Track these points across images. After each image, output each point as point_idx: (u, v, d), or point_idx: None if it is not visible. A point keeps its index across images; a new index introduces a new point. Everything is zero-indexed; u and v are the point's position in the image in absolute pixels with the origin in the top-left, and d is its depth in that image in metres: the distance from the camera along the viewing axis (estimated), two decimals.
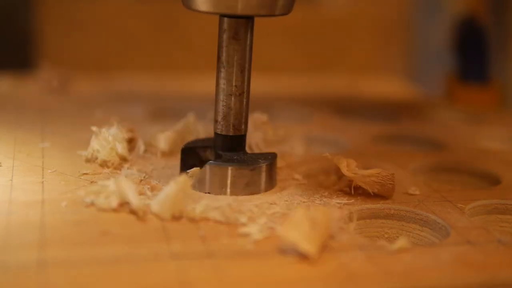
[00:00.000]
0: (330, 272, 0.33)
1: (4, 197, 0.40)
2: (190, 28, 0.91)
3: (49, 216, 0.37)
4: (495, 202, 0.45)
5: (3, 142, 0.50)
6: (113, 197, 0.39)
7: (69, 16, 0.88)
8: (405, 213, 0.42)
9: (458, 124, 0.67)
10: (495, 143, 0.62)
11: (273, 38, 0.91)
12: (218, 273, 0.32)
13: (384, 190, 0.43)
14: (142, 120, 0.60)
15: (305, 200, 0.42)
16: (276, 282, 0.32)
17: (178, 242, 0.35)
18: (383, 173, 0.43)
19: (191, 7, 0.42)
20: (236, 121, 0.44)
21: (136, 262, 0.33)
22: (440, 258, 0.35)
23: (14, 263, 0.32)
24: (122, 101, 0.67)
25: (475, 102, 0.76)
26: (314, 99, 0.75)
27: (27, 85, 0.73)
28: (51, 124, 0.56)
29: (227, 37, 0.42)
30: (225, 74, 0.43)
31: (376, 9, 0.99)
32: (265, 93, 0.72)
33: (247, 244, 0.36)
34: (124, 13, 0.90)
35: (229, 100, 0.43)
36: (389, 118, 0.68)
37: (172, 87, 0.78)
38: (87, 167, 0.46)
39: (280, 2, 0.41)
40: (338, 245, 0.36)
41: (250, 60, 0.43)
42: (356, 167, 0.44)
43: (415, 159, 0.53)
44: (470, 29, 0.79)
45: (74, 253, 0.33)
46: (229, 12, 0.41)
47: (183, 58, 0.91)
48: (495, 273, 0.34)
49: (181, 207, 0.38)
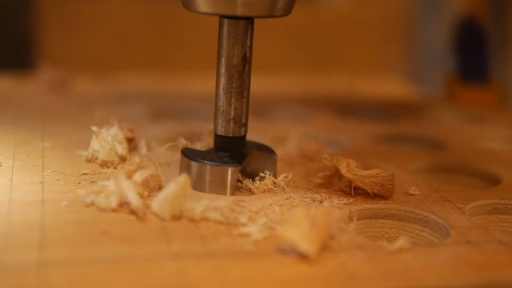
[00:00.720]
0: (330, 272, 0.33)
1: (4, 197, 0.40)
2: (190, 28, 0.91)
3: (49, 216, 0.37)
4: (495, 202, 0.45)
5: (3, 142, 0.50)
6: (113, 197, 0.39)
7: (69, 16, 0.88)
8: (405, 213, 0.42)
9: (458, 124, 0.67)
10: (495, 143, 0.62)
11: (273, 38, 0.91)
12: (217, 273, 0.32)
13: (383, 190, 0.43)
14: (142, 120, 0.60)
15: (305, 200, 0.42)
16: (276, 282, 0.32)
17: (178, 242, 0.35)
18: (383, 174, 0.43)
19: (191, 8, 0.42)
20: (236, 122, 0.44)
21: (136, 262, 0.33)
22: (440, 258, 0.35)
23: (14, 263, 0.32)
24: (122, 101, 0.67)
25: (475, 102, 0.76)
26: (314, 99, 0.75)
27: (27, 85, 0.73)
28: (51, 124, 0.56)
29: (227, 39, 0.42)
30: (225, 75, 0.43)
31: (376, 9, 0.99)
32: (265, 93, 0.72)
33: (247, 244, 0.36)
34: (124, 13, 0.90)
35: (229, 101, 0.43)
36: (389, 118, 0.68)
37: (172, 87, 0.78)
38: (87, 167, 0.46)
39: (280, 4, 0.41)
40: (338, 245, 0.36)
41: (250, 61, 0.43)
42: (356, 168, 0.44)
43: (415, 159, 0.53)
44: (470, 29, 0.79)
45: (74, 253, 0.33)
46: (228, 13, 0.41)
47: (183, 58, 0.91)
48: (495, 273, 0.34)
49: (180, 207, 0.38)
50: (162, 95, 0.72)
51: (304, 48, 0.96)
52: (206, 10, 0.41)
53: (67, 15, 0.88)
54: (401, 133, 0.62)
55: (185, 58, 0.92)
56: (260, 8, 0.40)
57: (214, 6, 0.40)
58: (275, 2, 0.41)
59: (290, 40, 0.95)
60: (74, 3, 0.88)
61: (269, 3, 0.41)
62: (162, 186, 0.42)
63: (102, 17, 0.90)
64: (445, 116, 0.71)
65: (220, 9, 0.40)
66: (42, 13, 0.87)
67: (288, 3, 0.42)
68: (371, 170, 0.44)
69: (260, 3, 0.40)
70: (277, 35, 0.93)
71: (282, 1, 0.41)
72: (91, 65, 0.86)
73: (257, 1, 0.40)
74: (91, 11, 0.89)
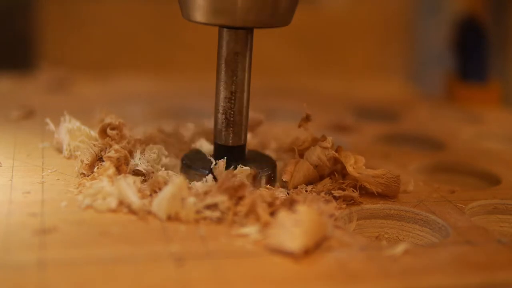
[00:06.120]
0: (330, 272, 0.33)
1: (4, 197, 0.40)
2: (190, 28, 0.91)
3: (49, 216, 0.37)
4: (495, 202, 0.45)
5: (3, 142, 0.50)
6: (111, 198, 0.39)
7: (69, 16, 0.88)
8: (405, 213, 0.42)
9: (458, 124, 0.67)
10: (495, 143, 0.62)
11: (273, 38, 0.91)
12: (217, 273, 0.32)
13: (388, 191, 0.43)
14: (142, 120, 0.60)
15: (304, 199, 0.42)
16: (276, 282, 0.32)
17: (178, 242, 0.35)
18: (389, 175, 0.43)
19: (190, 18, 0.42)
20: (235, 132, 0.44)
21: (136, 262, 0.33)
22: (440, 258, 0.35)
23: (14, 263, 0.32)
24: (122, 101, 0.67)
25: (475, 101, 0.76)
26: (313, 99, 0.75)
27: (27, 85, 0.73)
28: (51, 124, 0.56)
29: (227, 49, 0.42)
30: (224, 86, 0.43)
31: (376, 9, 0.99)
32: (264, 92, 0.72)
33: (247, 244, 0.36)
34: (124, 13, 0.90)
35: (229, 110, 0.43)
36: (389, 118, 0.68)
37: (172, 87, 0.78)
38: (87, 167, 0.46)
39: (279, 14, 0.41)
40: (338, 245, 0.36)
41: (250, 72, 0.43)
42: (363, 166, 0.44)
43: (415, 159, 0.53)
44: (470, 29, 0.79)
45: (74, 253, 0.33)
46: (228, 24, 0.41)
47: (183, 58, 0.91)
48: (495, 273, 0.34)
49: (177, 208, 0.38)
50: (162, 95, 0.72)
51: (304, 48, 0.96)
52: (206, 21, 0.41)
53: (67, 15, 0.88)
54: (401, 133, 0.62)
55: (185, 58, 0.92)
56: (259, 19, 0.40)
57: (213, 16, 0.40)
58: (274, 13, 0.41)
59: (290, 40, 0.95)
60: (74, 3, 0.88)
61: (268, 14, 0.41)
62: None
63: (102, 17, 0.90)
64: (445, 116, 0.71)
65: (220, 20, 0.41)
66: (42, 13, 0.87)
67: (287, 14, 0.42)
68: (377, 170, 0.43)
69: (259, 14, 0.40)
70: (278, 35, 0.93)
71: (282, 11, 0.41)
72: (91, 65, 0.86)
73: (256, 12, 0.40)
74: (91, 11, 0.89)
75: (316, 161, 0.44)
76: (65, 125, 0.48)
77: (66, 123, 0.48)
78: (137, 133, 0.49)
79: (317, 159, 0.44)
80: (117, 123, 0.46)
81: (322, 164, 0.44)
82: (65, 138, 0.48)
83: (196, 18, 0.41)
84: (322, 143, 0.44)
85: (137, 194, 0.39)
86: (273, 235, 0.35)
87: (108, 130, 0.45)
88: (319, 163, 0.44)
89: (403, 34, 1.00)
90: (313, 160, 0.44)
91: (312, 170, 0.44)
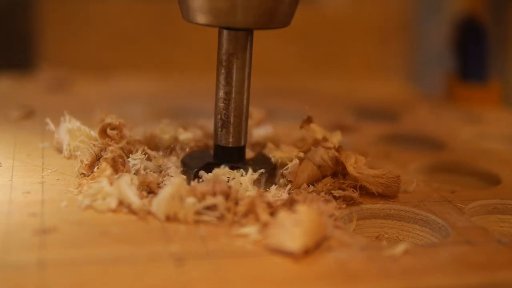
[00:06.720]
0: (330, 272, 0.33)
1: (4, 197, 0.40)
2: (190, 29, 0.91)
3: (49, 216, 0.37)
4: (495, 202, 0.45)
5: (3, 142, 0.50)
6: (110, 198, 0.39)
7: (69, 16, 0.88)
8: (405, 213, 0.42)
9: (458, 124, 0.67)
10: (495, 143, 0.62)
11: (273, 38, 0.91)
12: (217, 273, 0.32)
13: (388, 191, 0.43)
14: (142, 120, 0.60)
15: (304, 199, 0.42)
16: (276, 282, 0.32)
17: (178, 242, 0.35)
18: (389, 175, 0.43)
19: (191, 20, 0.42)
20: (235, 133, 0.44)
21: (136, 262, 0.33)
22: (440, 258, 0.35)
23: (14, 263, 0.32)
24: (122, 101, 0.67)
25: (475, 101, 0.76)
26: (314, 99, 0.75)
27: (27, 85, 0.73)
28: (51, 124, 0.56)
29: (227, 51, 0.42)
30: (224, 89, 0.43)
31: (376, 9, 0.99)
32: (264, 93, 0.72)
33: (247, 244, 0.36)
34: (124, 13, 0.90)
35: (229, 112, 0.43)
36: (389, 118, 0.68)
37: (172, 87, 0.78)
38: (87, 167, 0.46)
39: (279, 16, 0.41)
40: (338, 245, 0.36)
41: (249, 73, 0.43)
42: (364, 165, 0.44)
43: (415, 159, 0.53)
44: (470, 29, 0.79)
45: (74, 253, 0.33)
46: (228, 25, 0.41)
47: (183, 58, 0.91)
48: (495, 273, 0.34)
49: (175, 208, 0.38)
50: (162, 95, 0.72)
51: (304, 47, 0.96)
52: (206, 22, 0.41)
53: (67, 15, 0.88)
54: (401, 133, 0.62)
55: (185, 58, 0.92)
56: (259, 20, 0.40)
57: (213, 17, 0.40)
58: (274, 14, 0.41)
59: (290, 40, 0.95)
60: (74, 3, 0.88)
61: (268, 15, 0.41)
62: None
63: (102, 17, 0.90)
64: (445, 116, 0.71)
65: (220, 21, 0.41)
66: (42, 13, 0.87)
67: (287, 15, 0.42)
68: (378, 170, 0.43)
69: (259, 15, 0.40)
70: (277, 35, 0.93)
71: (282, 13, 0.41)
72: (91, 65, 0.86)
73: (256, 13, 0.40)
74: (91, 11, 0.89)
75: (319, 161, 0.44)
76: (65, 125, 0.48)
77: (66, 123, 0.48)
78: (137, 133, 0.49)
79: (320, 159, 0.44)
80: (117, 123, 0.46)
81: (325, 165, 0.44)
82: (65, 138, 0.48)
83: (196, 19, 0.41)
84: (325, 144, 0.44)
85: (137, 194, 0.39)
86: (273, 235, 0.35)
87: (108, 130, 0.45)
88: (322, 164, 0.44)
89: (403, 34, 1.00)
90: (316, 161, 0.44)
91: (316, 170, 0.44)
